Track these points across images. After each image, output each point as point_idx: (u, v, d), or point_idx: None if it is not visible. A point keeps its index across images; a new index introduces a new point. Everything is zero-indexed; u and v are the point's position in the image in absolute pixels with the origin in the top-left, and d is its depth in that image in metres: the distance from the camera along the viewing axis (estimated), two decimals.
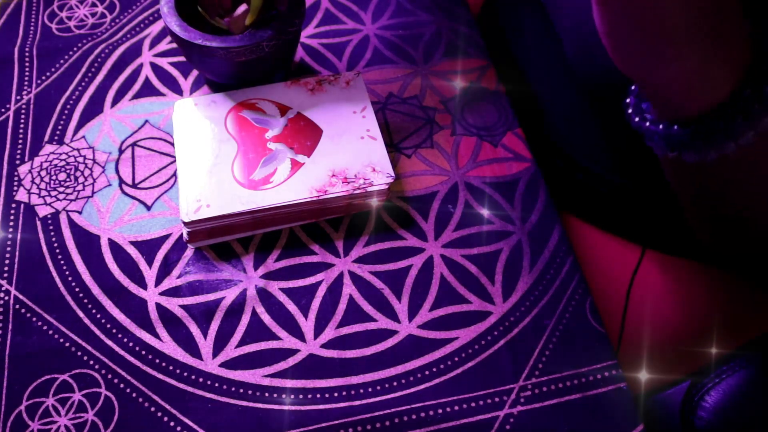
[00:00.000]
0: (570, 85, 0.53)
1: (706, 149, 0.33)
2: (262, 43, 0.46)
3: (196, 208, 0.44)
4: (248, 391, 0.42)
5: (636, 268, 0.52)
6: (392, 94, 0.54)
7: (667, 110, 0.34)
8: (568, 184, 0.55)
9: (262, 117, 0.49)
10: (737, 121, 0.32)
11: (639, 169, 0.50)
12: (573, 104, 0.54)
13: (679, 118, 0.34)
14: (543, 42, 0.56)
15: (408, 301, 0.45)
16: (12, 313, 0.44)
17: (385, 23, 0.58)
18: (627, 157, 0.51)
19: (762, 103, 0.31)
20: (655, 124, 0.35)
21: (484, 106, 0.54)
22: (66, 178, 0.49)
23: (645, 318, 0.52)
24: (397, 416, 0.41)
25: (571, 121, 0.55)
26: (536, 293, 0.45)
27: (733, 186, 0.36)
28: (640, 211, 0.53)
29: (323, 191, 0.45)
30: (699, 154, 0.34)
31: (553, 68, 0.55)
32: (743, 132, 0.32)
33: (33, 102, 0.53)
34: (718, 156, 0.33)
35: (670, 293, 0.53)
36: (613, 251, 0.54)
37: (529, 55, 0.58)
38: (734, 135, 0.32)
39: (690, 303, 0.52)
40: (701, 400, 0.45)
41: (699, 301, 0.52)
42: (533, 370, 0.43)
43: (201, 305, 0.44)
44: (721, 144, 0.33)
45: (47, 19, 0.58)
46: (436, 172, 0.51)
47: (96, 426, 0.40)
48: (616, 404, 0.42)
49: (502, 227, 0.48)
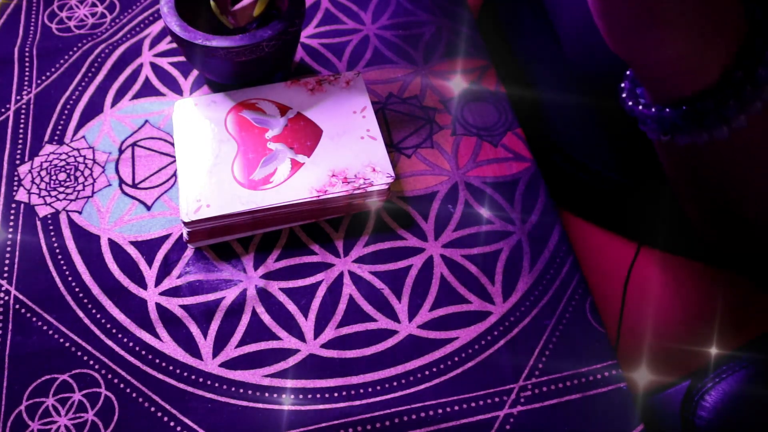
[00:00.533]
0: (569, 83, 0.53)
1: (698, 132, 0.33)
2: (262, 43, 0.46)
3: (196, 208, 0.44)
4: (248, 391, 0.42)
5: (631, 265, 0.52)
6: (392, 94, 0.54)
7: (661, 92, 0.34)
8: (566, 182, 0.55)
9: (262, 117, 0.49)
10: (729, 104, 0.32)
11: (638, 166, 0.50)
12: (572, 103, 0.54)
13: (672, 100, 0.34)
14: (543, 41, 0.56)
15: (408, 301, 0.45)
16: (12, 313, 0.44)
17: (385, 23, 0.58)
18: (626, 155, 0.51)
19: (754, 85, 0.31)
20: (648, 107, 0.35)
21: (484, 106, 0.54)
22: (66, 178, 0.49)
23: (645, 317, 0.52)
24: (397, 416, 0.41)
25: (571, 119, 0.55)
26: (536, 293, 0.45)
27: (727, 172, 0.36)
28: (638, 208, 0.53)
29: (323, 191, 0.45)
30: (691, 136, 0.34)
31: (553, 67, 0.55)
32: (735, 115, 0.32)
33: (33, 102, 0.53)
34: (711, 139, 0.33)
35: (670, 292, 0.53)
36: (611, 249, 0.54)
37: (529, 55, 0.58)
38: (726, 117, 0.32)
39: (690, 303, 0.52)
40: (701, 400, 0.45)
41: (699, 300, 0.52)
42: (533, 370, 0.43)
43: (201, 305, 0.44)
44: (713, 127, 0.33)
45: (47, 19, 0.58)
46: (436, 172, 0.51)
47: (96, 426, 0.40)
48: (616, 404, 0.42)
49: (502, 227, 0.48)
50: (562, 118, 0.55)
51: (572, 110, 0.54)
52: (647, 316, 0.52)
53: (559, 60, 0.53)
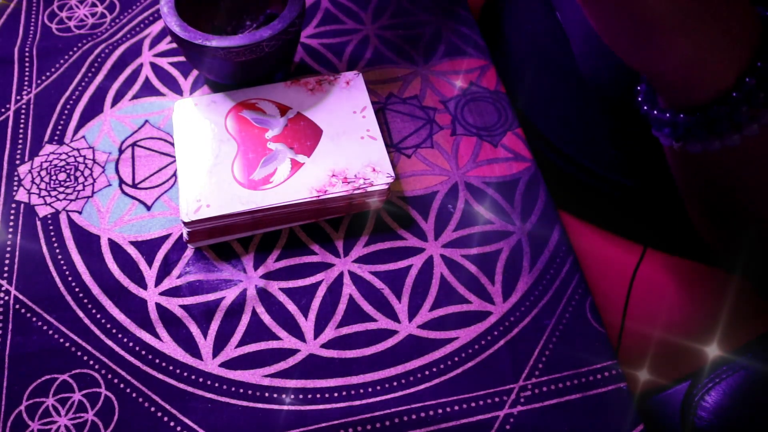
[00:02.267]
0: (570, 84, 0.53)
1: (710, 139, 0.33)
2: (262, 43, 0.46)
3: (196, 208, 0.44)
4: (248, 391, 0.42)
5: (636, 267, 0.52)
6: (392, 94, 0.54)
7: (675, 98, 0.34)
8: (568, 184, 0.55)
9: (262, 117, 0.49)
10: (742, 110, 0.31)
11: (641, 168, 0.50)
12: (573, 103, 0.54)
13: (687, 106, 0.33)
14: (543, 41, 0.56)
15: (408, 301, 0.45)
16: (12, 313, 0.44)
17: (385, 23, 0.58)
18: (629, 156, 0.51)
19: (767, 92, 0.30)
20: (663, 112, 0.35)
21: (484, 106, 0.54)
22: (66, 178, 0.49)
23: (645, 317, 0.52)
24: (397, 416, 0.41)
25: (572, 120, 0.55)
26: (536, 293, 0.45)
27: (738, 178, 0.36)
28: (641, 210, 0.53)
29: (323, 191, 0.45)
30: (703, 143, 0.33)
31: (553, 67, 0.55)
32: (748, 122, 0.31)
33: (33, 102, 0.53)
34: (723, 148, 0.33)
35: (671, 293, 0.53)
36: (614, 251, 0.54)
37: (529, 55, 0.58)
38: (739, 125, 0.32)
39: (690, 303, 0.52)
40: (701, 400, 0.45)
41: (699, 301, 0.52)
42: (533, 370, 0.43)
43: (201, 305, 0.44)
44: (725, 134, 0.32)
45: (47, 19, 0.58)
46: (436, 172, 0.51)
47: (96, 426, 0.40)
48: (616, 404, 0.42)
49: (502, 227, 0.48)
50: (563, 118, 0.55)
51: (573, 110, 0.54)
52: (647, 315, 0.52)
53: (559, 59, 0.53)
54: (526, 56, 0.58)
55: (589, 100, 0.52)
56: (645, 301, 0.52)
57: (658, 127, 0.36)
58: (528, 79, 0.58)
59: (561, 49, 0.51)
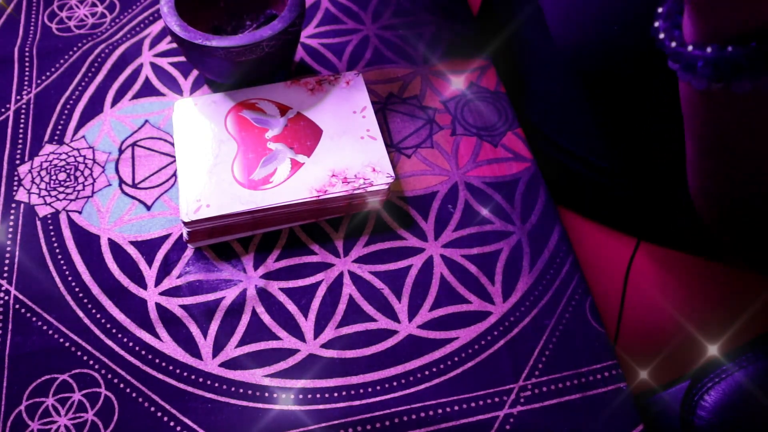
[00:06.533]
0: (568, 80, 0.53)
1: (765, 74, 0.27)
2: (262, 43, 0.46)
3: (196, 208, 0.44)
4: (248, 391, 0.42)
5: (630, 260, 0.51)
6: (392, 94, 0.54)
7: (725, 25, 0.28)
8: (566, 179, 0.55)
9: (262, 117, 0.49)
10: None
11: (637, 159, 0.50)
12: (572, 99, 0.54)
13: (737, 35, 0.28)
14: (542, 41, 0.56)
15: (408, 301, 0.45)
16: (12, 313, 0.44)
17: (385, 23, 0.58)
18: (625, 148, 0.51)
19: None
20: (701, 47, 0.29)
21: (484, 106, 0.54)
22: (66, 178, 0.49)
23: (644, 317, 0.52)
24: (397, 416, 0.41)
25: (570, 115, 0.55)
26: (536, 293, 0.45)
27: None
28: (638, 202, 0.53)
29: (323, 191, 0.45)
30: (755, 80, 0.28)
31: (552, 65, 0.55)
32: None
33: (33, 102, 0.53)
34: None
35: (670, 292, 0.53)
36: (611, 246, 0.54)
37: (529, 54, 0.58)
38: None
39: (690, 303, 0.52)
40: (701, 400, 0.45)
41: (699, 300, 0.52)
42: (533, 370, 0.43)
43: (201, 305, 0.44)
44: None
45: (47, 19, 0.58)
46: (436, 172, 0.51)
47: (96, 426, 0.40)
48: (616, 404, 0.42)
49: (502, 227, 0.48)
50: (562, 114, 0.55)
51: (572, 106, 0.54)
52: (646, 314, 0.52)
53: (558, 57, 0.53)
54: (526, 55, 0.58)
55: (586, 94, 0.51)
56: (644, 298, 0.52)
57: (691, 67, 0.30)
58: (527, 78, 0.57)
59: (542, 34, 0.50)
